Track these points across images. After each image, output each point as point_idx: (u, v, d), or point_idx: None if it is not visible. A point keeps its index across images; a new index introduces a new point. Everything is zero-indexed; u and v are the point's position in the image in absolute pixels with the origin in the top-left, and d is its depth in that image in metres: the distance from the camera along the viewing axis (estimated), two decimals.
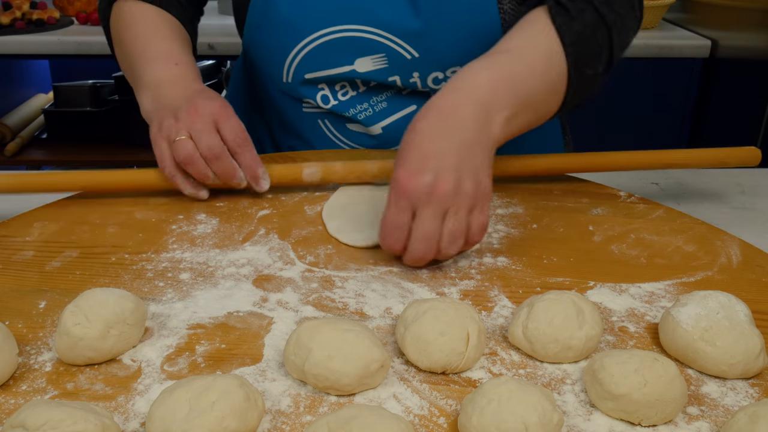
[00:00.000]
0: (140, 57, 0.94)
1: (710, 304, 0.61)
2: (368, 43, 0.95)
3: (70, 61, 2.71)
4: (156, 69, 0.91)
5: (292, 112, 1.06)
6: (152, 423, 0.49)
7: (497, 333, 0.64)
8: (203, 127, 0.82)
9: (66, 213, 0.85)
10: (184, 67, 0.92)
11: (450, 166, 0.69)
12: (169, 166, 0.84)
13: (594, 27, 0.81)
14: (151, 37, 0.96)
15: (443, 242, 0.70)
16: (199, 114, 0.83)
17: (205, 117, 0.83)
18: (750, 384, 0.58)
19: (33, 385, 0.57)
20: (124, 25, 0.99)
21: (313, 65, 0.98)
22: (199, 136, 0.82)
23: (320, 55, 0.97)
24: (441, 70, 0.97)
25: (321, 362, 0.54)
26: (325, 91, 1.01)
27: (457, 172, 0.70)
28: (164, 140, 0.84)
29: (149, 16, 0.99)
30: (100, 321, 0.58)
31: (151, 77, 0.91)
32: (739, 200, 0.98)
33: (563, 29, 0.79)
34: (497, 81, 0.75)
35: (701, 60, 2.21)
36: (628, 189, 0.94)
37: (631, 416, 0.53)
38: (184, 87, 0.89)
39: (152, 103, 0.89)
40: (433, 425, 0.53)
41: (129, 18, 0.99)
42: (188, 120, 0.82)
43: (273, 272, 0.73)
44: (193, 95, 0.86)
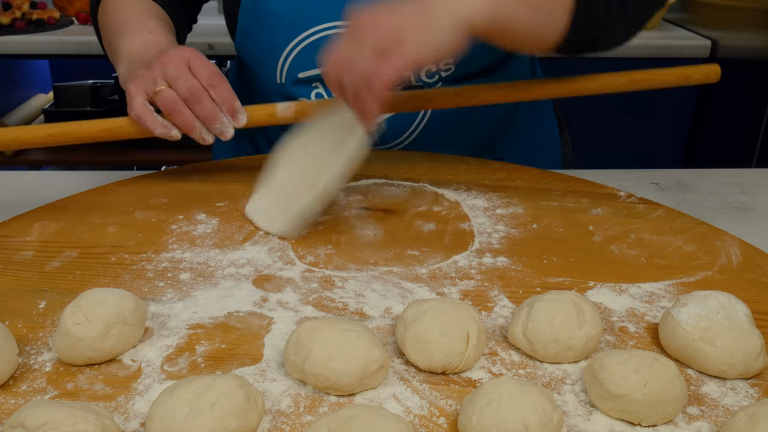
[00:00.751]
0: (118, 34, 0.95)
1: (710, 304, 0.61)
2: None
3: (70, 61, 2.71)
4: (131, 39, 0.92)
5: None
6: (152, 423, 0.49)
7: (497, 333, 0.64)
8: (178, 70, 0.81)
9: (66, 213, 0.85)
10: (158, 33, 0.92)
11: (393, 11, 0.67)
12: (138, 107, 0.82)
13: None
14: (130, 17, 0.97)
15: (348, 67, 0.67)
16: (171, 58, 0.82)
17: (176, 60, 0.82)
18: (750, 384, 0.58)
19: (33, 385, 0.57)
20: (107, 15, 1.00)
21: (306, 63, 0.98)
22: (176, 80, 0.81)
23: (313, 53, 0.96)
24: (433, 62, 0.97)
25: (321, 362, 0.54)
26: (319, 89, 1.01)
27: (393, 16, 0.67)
28: (138, 92, 0.83)
29: (130, 3, 1.00)
30: (100, 321, 0.58)
31: (126, 48, 0.91)
32: (739, 200, 0.98)
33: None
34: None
35: (701, 60, 2.21)
36: (628, 189, 0.94)
37: (631, 416, 0.53)
38: (157, 48, 0.88)
39: (127, 67, 0.89)
40: (433, 425, 0.53)
41: (111, 8, 1.00)
42: (161, 66, 0.82)
43: (273, 272, 0.73)
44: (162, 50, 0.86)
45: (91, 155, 2.42)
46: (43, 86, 2.80)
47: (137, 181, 0.95)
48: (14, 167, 2.37)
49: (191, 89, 0.81)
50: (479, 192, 0.91)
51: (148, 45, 0.90)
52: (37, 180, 1.01)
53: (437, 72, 0.98)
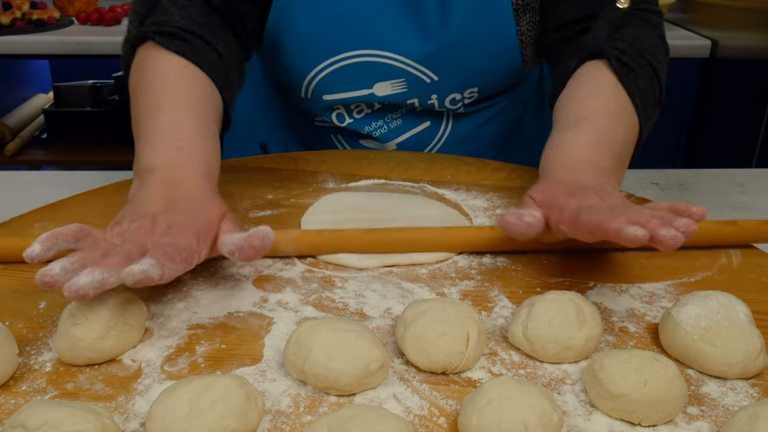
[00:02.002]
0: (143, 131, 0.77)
1: (710, 304, 0.61)
2: (387, 68, 0.95)
3: (70, 61, 2.71)
4: (152, 151, 0.74)
5: (304, 125, 1.06)
6: (152, 423, 0.49)
7: (497, 333, 0.64)
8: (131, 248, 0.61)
9: (66, 213, 0.85)
10: (186, 154, 0.72)
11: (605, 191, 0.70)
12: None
13: (650, 81, 0.85)
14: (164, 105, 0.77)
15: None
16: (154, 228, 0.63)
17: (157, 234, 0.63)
18: (750, 384, 0.58)
19: (33, 385, 0.56)
20: (141, 82, 0.81)
21: (332, 87, 0.97)
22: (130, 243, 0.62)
23: (338, 79, 0.96)
24: (459, 92, 0.98)
25: (321, 362, 0.54)
26: (340, 110, 1.01)
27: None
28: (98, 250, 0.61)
29: (169, 75, 0.80)
30: (100, 321, 0.58)
31: (145, 160, 0.74)
32: (739, 200, 0.98)
33: (632, 90, 0.82)
34: (596, 145, 0.76)
35: (701, 60, 2.21)
36: (628, 189, 0.94)
37: (631, 416, 0.53)
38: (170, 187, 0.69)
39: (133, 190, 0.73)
40: (433, 425, 0.53)
41: (148, 74, 0.81)
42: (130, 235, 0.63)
43: (273, 272, 0.73)
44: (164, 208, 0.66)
45: (91, 155, 2.42)
46: (43, 86, 2.80)
47: None
48: (14, 167, 2.37)
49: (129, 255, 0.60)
50: (479, 192, 0.91)
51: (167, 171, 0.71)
52: (37, 180, 1.01)
53: (461, 99, 0.99)
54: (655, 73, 0.85)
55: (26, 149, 2.45)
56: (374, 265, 0.73)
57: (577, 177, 0.72)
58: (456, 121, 1.04)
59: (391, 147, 1.03)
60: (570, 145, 0.77)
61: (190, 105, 0.77)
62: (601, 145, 0.77)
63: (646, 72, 0.84)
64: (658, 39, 0.88)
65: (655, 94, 0.86)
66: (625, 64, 0.83)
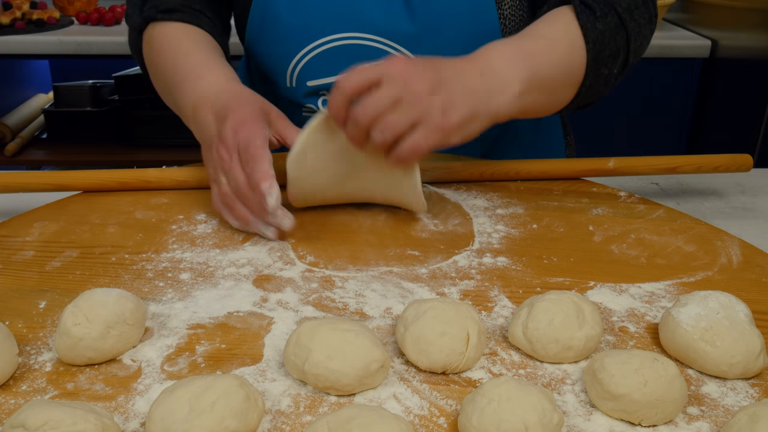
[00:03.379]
0: (173, 85, 0.91)
1: (710, 304, 0.61)
2: (369, 51, 0.95)
3: (70, 61, 2.71)
4: (185, 93, 0.88)
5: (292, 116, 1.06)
6: (152, 423, 0.49)
7: (497, 333, 0.64)
8: (230, 164, 0.77)
9: (66, 213, 0.85)
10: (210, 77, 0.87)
11: (436, 79, 0.71)
12: (215, 204, 0.81)
13: (615, 30, 0.84)
14: (180, 57, 0.92)
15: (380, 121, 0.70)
16: (226, 148, 0.78)
17: (230, 150, 0.77)
18: (750, 384, 0.58)
19: (33, 385, 0.57)
20: (155, 53, 0.95)
21: (315, 73, 0.98)
22: (227, 174, 0.78)
23: (322, 63, 0.97)
24: None
25: (321, 362, 0.54)
26: (326, 96, 1.01)
27: (439, 87, 0.71)
28: (213, 181, 0.81)
29: (176, 37, 0.94)
30: (100, 321, 0.58)
31: (185, 105, 0.88)
32: (739, 200, 0.98)
33: (587, 26, 0.82)
34: (513, 53, 0.77)
35: (701, 60, 2.21)
36: (628, 189, 0.94)
37: (631, 416, 0.53)
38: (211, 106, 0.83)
39: (196, 132, 0.87)
40: (433, 425, 0.53)
41: (158, 44, 0.95)
42: (219, 160, 0.79)
43: (273, 272, 0.73)
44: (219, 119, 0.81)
45: (91, 155, 2.42)
46: (43, 86, 2.80)
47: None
48: (14, 167, 2.37)
49: (238, 188, 0.77)
50: (479, 192, 0.91)
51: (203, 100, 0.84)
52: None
53: None
54: (622, 25, 0.84)
55: (26, 149, 2.45)
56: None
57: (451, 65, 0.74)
58: None
59: None
60: (488, 47, 0.78)
61: (199, 47, 0.93)
62: (517, 56, 0.77)
63: (611, 21, 0.84)
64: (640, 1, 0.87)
65: (617, 44, 0.84)
66: (588, 7, 0.83)
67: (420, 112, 0.70)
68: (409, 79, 0.70)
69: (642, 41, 0.88)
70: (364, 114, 0.70)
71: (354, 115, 0.70)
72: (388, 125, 0.70)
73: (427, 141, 0.71)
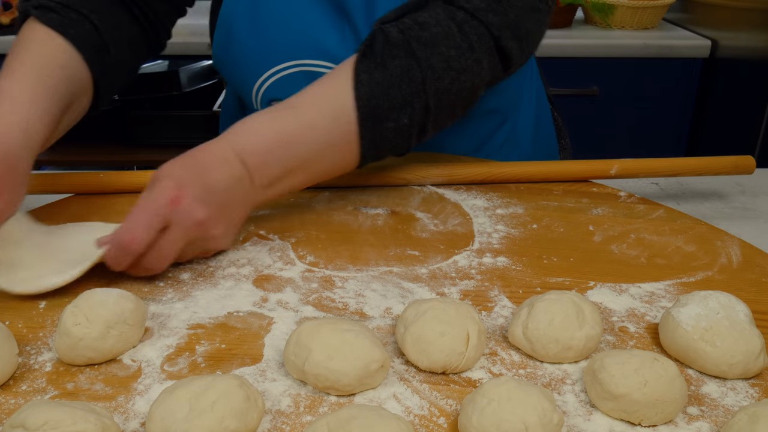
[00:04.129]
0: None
1: (710, 304, 0.61)
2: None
3: None
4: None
5: None
6: (152, 423, 0.49)
7: (497, 333, 0.64)
8: None
9: (65, 213, 0.85)
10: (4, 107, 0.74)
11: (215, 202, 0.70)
12: None
13: (401, 76, 0.76)
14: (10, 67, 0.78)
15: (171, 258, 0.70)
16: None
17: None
18: (750, 384, 0.58)
19: (33, 385, 0.57)
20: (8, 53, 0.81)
21: (278, 95, 0.97)
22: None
23: (284, 87, 0.96)
24: None
25: (321, 362, 0.54)
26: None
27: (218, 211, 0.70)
28: None
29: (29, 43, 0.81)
30: (100, 321, 0.58)
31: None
32: (739, 200, 0.98)
33: (361, 82, 0.76)
34: (271, 142, 0.73)
35: (701, 60, 2.21)
36: (628, 189, 0.94)
37: (631, 416, 0.53)
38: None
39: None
40: (433, 425, 0.53)
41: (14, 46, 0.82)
42: None
43: (273, 272, 0.73)
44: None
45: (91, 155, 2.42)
46: None
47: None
48: None
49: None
50: (479, 192, 0.91)
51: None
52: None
53: None
54: (418, 66, 0.76)
55: None
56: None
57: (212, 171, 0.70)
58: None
59: None
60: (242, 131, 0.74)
61: (31, 71, 0.77)
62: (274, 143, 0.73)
63: (398, 65, 0.76)
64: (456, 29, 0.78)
65: (403, 92, 0.76)
66: (372, 51, 0.77)
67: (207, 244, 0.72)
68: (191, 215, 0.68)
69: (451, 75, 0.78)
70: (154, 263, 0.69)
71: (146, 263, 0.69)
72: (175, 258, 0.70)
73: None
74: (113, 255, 0.67)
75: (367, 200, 0.89)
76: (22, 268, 0.69)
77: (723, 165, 0.94)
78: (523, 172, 0.94)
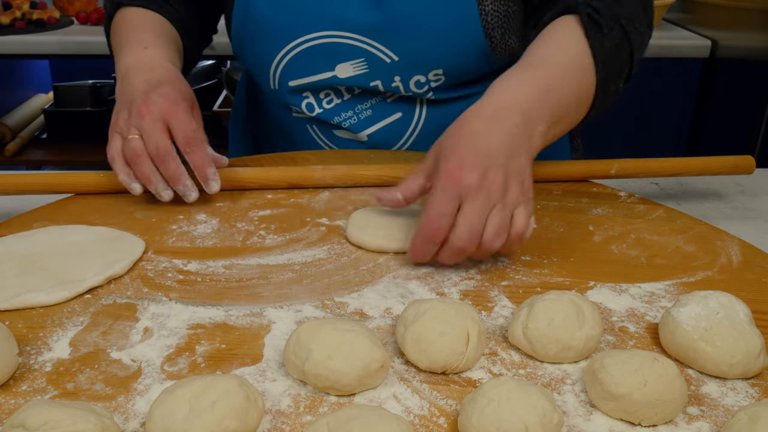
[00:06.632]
0: (117, 49, 0.96)
1: (710, 304, 0.61)
2: (347, 49, 0.95)
3: (70, 61, 2.71)
4: (126, 56, 0.91)
5: (282, 116, 1.07)
6: (152, 423, 0.49)
7: (497, 333, 0.64)
8: (152, 126, 0.81)
9: (65, 213, 0.85)
10: (152, 50, 0.91)
11: (500, 165, 0.70)
12: (112, 150, 0.83)
13: (620, 46, 0.84)
14: (129, 30, 0.96)
15: (487, 234, 0.69)
16: (150, 111, 0.81)
17: (154, 115, 0.81)
18: (750, 384, 0.58)
19: (33, 385, 0.56)
20: (114, 31, 1.01)
21: (296, 72, 0.98)
22: (148, 135, 0.81)
23: (302, 63, 0.97)
24: (422, 74, 0.97)
25: (321, 362, 0.54)
26: (310, 99, 1.01)
27: (506, 171, 0.70)
28: (117, 133, 0.84)
29: (134, 16, 1.00)
30: None
31: (122, 65, 0.91)
32: (739, 200, 0.98)
33: (596, 46, 0.82)
34: (539, 95, 0.77)
35: (701, 60, 2.21)
36: (628, 189, 0.94)
37: (631, 416, 0.53)
38: (147, 75, 0.87)
39: (118, 91, 0.89)
40: (433, 425, 0.53)
41: (117, 24, 1.00)
42: (138, 117, 0.82)
43: (273, 272, 0.73)
44: (149, 88, 0.84)
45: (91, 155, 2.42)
46: (43, 86, 2.80)
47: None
48: (14, 167, 2.37)
49: (158, 149, 0.80)
50: None
51: (140, 65, 0.89)
52: None
53: (427, 82, 0.98)
54: (627, 39, 0.85)
55: (26, 149, 2.45)
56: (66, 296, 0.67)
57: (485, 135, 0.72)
58: (429, 110, 1.02)
59: (362, 138, 1.03)
60: (505, 87, 0.77)
61: (151, 28, 0.97)
62: (539, 94, 0.77)
63: (617, 35, 0.84)
64: (640, 8, 0.88)
65: (622, 59, 0.85)
66: (596, 23, 0.83)
67: (512, 203, 0.71)
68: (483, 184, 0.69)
69: (642, 48, 0.89)
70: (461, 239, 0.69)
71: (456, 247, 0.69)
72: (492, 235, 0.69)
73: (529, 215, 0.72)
74: (419, 249, 0.71)
75: (367, 200, 0.89)
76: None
77: (723, 165, 0.94)
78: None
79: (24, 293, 0.66)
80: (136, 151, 0.81)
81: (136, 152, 0.81)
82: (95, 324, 0.64)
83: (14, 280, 0.69)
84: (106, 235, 0.78)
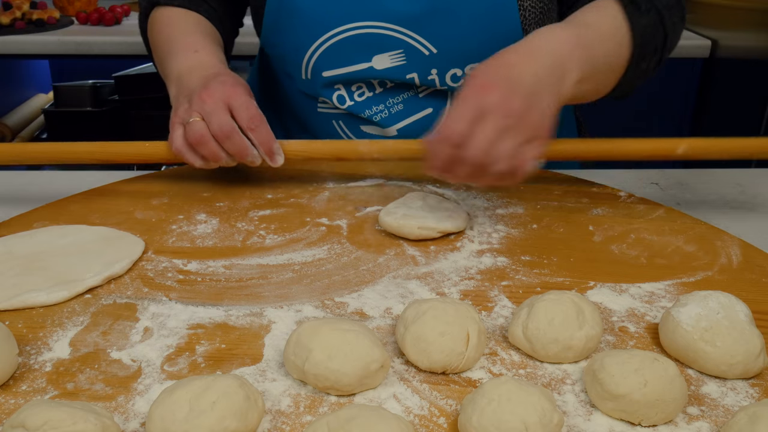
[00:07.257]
0: (167, 55, 0.97)
1: (710, 304, 0.61)
2: (386, 40, 0.95)
3: (70, 61, 2.71)
4: (178, 60, 0.94)
5: (307, 111, 1.06)
6: (152, 423, 0.49)
7: (497, 333, 0.64)
8: (214, 107, 0.82)
9: (65, 213, 0.85)
10: (203, 53, 0.94)
11: (525, 95, 0.70)
12: (178, 144, 0.85)
13: (655, 27, 0.86)
14: (176, 35, 0.99)
15: (495, 153, 0.69)
16: (211, 95, 0.83)
17: (216, 98, 0.83)
18: (750, 384, 0.58)
19: (33, 385, 0.56)
20: (155, 32, 1.03)
21: (331, 63, 0.98)
22: (210, 116, 0.82)
23: (338, 53, 0.96)
24: (459, 67, 0.97)
25: (321, 362, 0.54)
26: (341, 91, 1.00)
27: (530, 103, 0.71)
28: (179, 123, 0.85)
29: (176, 18, 1.02)
30: None
31: (174, 69, 0.93)
32: (739, 200, 0.98)
33: (633, 20, 0.83)
34: (575, 45, 0.77)
35: (701, 60, 2.21)
36: (628, 189, 0.94)
37: (631, 416, 0.53)
38: (202, 72, 0.89)
39: (174, 93, 0.91)
40: (433, 425, 0.53)
41: (159, 24, 1.02)
42: (200, 102, 0.83)
43: (273, 271, 0.73)
44: (208, 79, 0.86)
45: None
46: (43, 86, 2.80)
47: (137, 181, 0.95)
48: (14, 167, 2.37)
49: (222, 127, 0.82)
50: (479, 192, 0.91)
51: (194, 67, 0.91)
52: (37, 180, 1.01)
53: (463, 75, 0.98)
54: (661, 22, 0.86)
55: None
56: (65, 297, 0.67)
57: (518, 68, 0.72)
58: None
59: (391, 133, 1.03)
60: (544, 35, 0.77)
61: (197, 30, 1.00)
62: (575, 47, 0.77)
63: (653, 17, 0.85)
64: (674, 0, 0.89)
65: (656, 41, 0.86)
66: (632, 2, 0.84)
67: (527, 131, 0.71)
68: (504, 104, 0.69)
69: (675, 40, 0.90)
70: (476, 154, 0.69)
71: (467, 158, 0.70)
72: (502, 156, 0.70)
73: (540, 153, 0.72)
74: (433, 148, 0.71)
75: (367, 200, 0.89)
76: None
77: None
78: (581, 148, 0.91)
79: (24, 293, 0.66)
80: (200, 131, 0.82)
81: (200, 133, 0.82)
82: (95, 324, 0.64)
83: (14, 279, 0.69)
84: (106, 235, 0.78)
